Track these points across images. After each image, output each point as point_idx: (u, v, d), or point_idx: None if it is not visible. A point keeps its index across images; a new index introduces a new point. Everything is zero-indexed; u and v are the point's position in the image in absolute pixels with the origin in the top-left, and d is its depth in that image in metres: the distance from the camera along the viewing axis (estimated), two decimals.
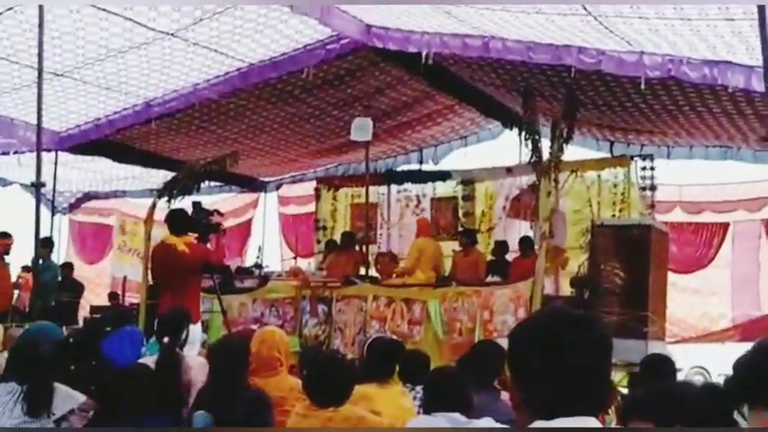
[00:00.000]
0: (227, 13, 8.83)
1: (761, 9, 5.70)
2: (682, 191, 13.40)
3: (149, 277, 9.30)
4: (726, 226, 13.38)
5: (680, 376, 5.33)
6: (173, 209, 8.72)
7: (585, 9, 7.29)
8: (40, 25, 7.78)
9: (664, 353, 5.85)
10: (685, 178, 13.22)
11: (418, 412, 4.35)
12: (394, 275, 11.27)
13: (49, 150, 12.01)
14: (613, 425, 4.96)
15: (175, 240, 7.85)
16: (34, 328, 6.04)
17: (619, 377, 9.10)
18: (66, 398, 4.36)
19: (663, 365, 5.19)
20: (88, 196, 16.71)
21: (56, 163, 12.48)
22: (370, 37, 9.61)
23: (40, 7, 7.75)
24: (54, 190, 13.03)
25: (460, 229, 13.10)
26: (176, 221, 8.04)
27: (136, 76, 10.38)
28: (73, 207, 16.78)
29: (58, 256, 14.10)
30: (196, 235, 8.32)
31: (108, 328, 6.58)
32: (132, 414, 4.09)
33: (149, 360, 5.23)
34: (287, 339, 5.66)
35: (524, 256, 11.38)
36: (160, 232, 9.41)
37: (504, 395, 4.30)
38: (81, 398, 4.46)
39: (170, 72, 10.35)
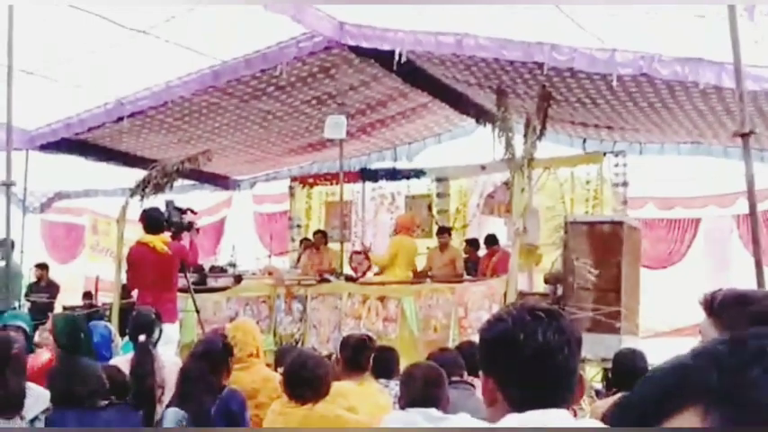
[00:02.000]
0: (200, 11, 8.78)
1: (731, 9, 5.76)
2: (654, 187, 13.49)
3: (123, 277, 9.22)
4: (697, 221, 13.50)
5: None
6: (147, 207, 8.62)
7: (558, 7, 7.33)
8: (10, 23, 7.71)
9: (637, 348, 5.90)
10: (657, 174, 13.31)
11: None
12: (367, 272, 11.30)
13: (19, 149, 11.89)
14: (587, 418, 4.99)
15: (152, 239, 7.77)
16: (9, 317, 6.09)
17: (593, 372, 9.16)
18: (38, 398, 4.33)
19: (634, 360, 5.22)
20: (60, 195, 16.56)
21: (26, 162, 12.36)
22: (343, 34, 9.60)
23: (10, 5, 7.68)
24: (25, 189, 12.90)
25: (439, 226, 13.12)
26: (152, 220, 7.97)
27: (107, 73, 10.30)
28: (44, 206, 16.61)
29: (29, 257, 13.96)
30: (170, 234, 8.29)
31: None
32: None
33: (122, 359, 5.21)
34: (259, 331, 5.67)
35: (489, 252, 11.51)
36: (133, 231, 9.35)
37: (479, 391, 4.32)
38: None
39: (142, 70, 10.29)
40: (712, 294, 2.05)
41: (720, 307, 2.01)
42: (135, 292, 8.19)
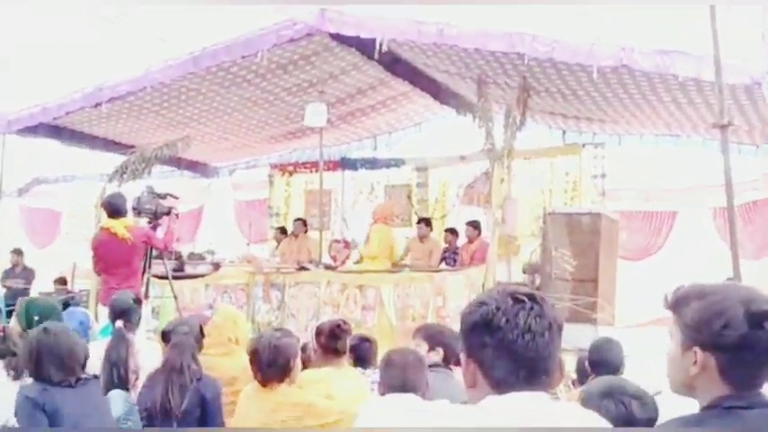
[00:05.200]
0: None
1: (712, 9, 5.79)
2: (632, 178, 13.55)
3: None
4: (674, 213, 13.58)
5: (630, 361, 5.42)
6: (109, 193, 8.62)
7: None
8: None
9: (613, 338, 5.93)
10: (635, 166, 13.38)
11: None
12: (348, 260, 11.30)
13: None
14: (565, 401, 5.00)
15: (113, 224, 7.74)
16: None
17: (569, 362, 9.21)
18: None
19: (611, 349, 5.24)
20: (37, 181, 16.45)
21: (3, 146, 12.25)
22: (324, 22, 9.55)
23: None
24: (1, 174, 12.80)
25: (419, 216, 13.13)
26: (112, 206, 7.95)
27: (86, 58, 10.22)
28: (22, 191, 16.49)
29: (6, 242, 13.88)
30: (147, 219, 8.26)
31: None
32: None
33: (99, 343, 5.19)
34: (245, 321, 5.67)
35: (469, 240, 11.53)
36: None
37: (457, 375, 4.32)
38: None
39: (121, 55, 10.21)
40: (674, 291, 2.11)
41: (677, 303, 2.09)
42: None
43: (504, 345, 1.78)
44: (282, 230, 13.83)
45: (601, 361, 5.15)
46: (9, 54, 9.75)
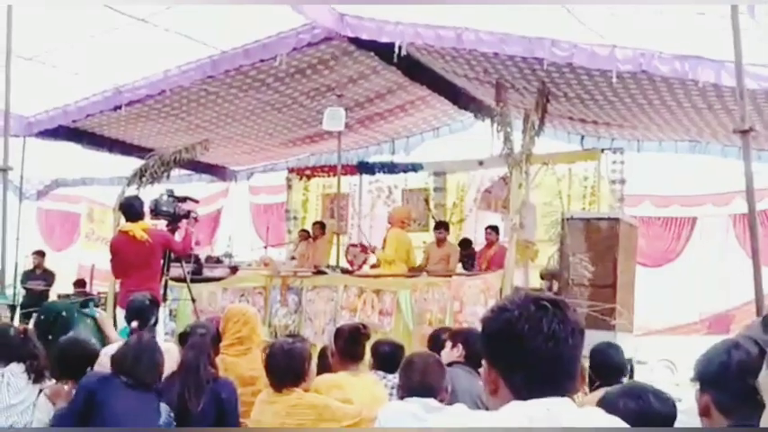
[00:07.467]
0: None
1: (734, 9, 5.75)
2: (651, 184, 13.50)
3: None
4: (694, 220, 13.52)
5: (647, 368, 5.37)
6: (126, 196, 8.66)
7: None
8: (9, 8, 7.68)
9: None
10: (654, 172, 13.31)
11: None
12: (368, 265, 11.32)
13: (16, 136, 11.87)
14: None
15: (132, 227, 7.78)
16: None
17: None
18: None
19: (611, 353, 5.16)
20: (56, 183, 16.55)
21: (24, 148, 12.33)
22: (343, 26, 9.56)
23: None
24: (22, 176, 12.88)
25: (437, 221, 13.10)
26: (129, 208, 7.98)
27: (106, 61, 10.26)
28: (41, 194, 16.60)
29: (25, 244, 13.96)
30: (165, 222, 8.29)
31: None
32: None
33: (116, 346, 5.20)
34: (260, 319, 5.69)
35: (487, 244, 11.53)
36: None
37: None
38: None
39: (141, 58, 10.25)
40: None
41: None
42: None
43: (529, 351, 1.76)
44: (306, 233, 13.81)
45: (601, 365, 5.06)
46: (31, 54, 9.79)
